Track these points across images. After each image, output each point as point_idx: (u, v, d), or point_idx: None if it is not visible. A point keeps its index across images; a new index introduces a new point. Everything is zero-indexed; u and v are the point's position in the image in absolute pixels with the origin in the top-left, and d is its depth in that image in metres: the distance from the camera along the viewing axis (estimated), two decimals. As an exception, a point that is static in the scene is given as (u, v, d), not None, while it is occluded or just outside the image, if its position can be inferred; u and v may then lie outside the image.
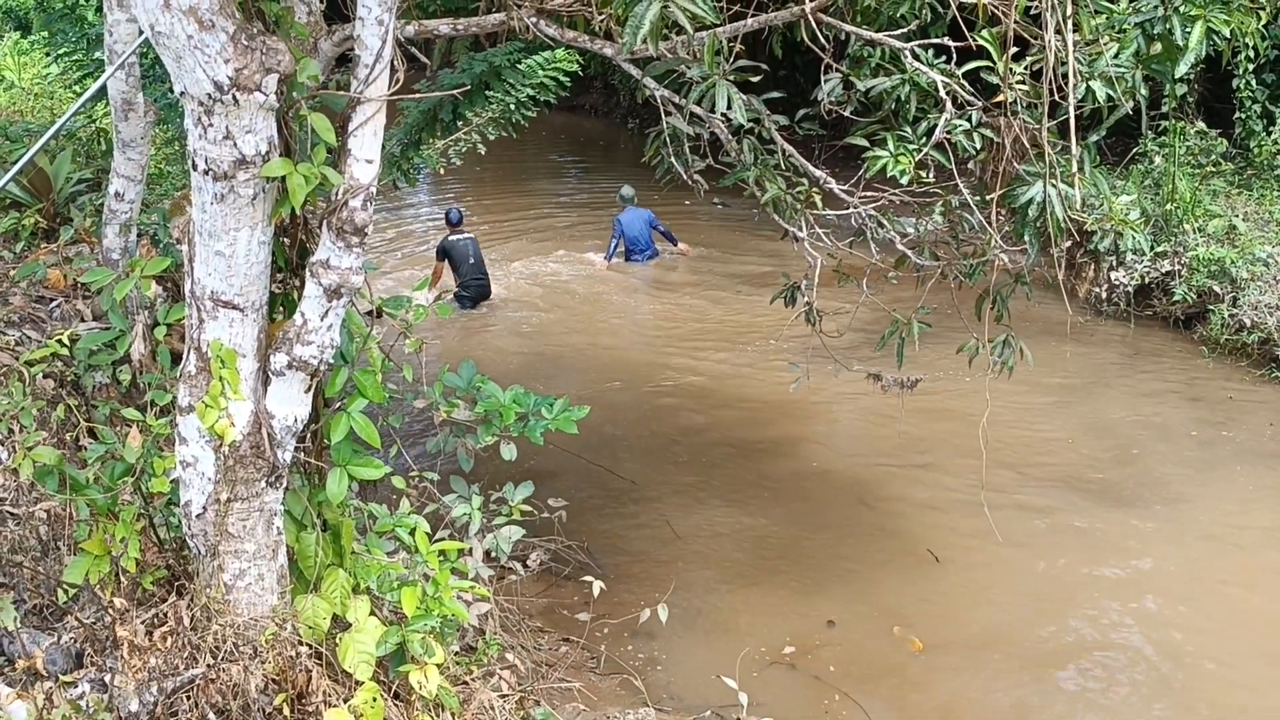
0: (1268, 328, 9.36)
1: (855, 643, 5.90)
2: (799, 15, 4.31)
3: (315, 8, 3.91)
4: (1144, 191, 11.00)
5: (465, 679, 4.63)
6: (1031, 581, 6.45)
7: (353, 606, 4.04)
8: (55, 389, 5.49)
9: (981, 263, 5.02)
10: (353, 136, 3.54)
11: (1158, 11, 4.42)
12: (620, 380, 9.55)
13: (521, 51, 7.62)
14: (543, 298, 11.92)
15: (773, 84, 4.92)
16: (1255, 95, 11.90)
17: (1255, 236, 10.21)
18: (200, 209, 3.51)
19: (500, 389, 5.25)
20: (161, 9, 3.11)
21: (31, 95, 12.98)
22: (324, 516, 4.17)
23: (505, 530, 5.50)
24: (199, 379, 3.70)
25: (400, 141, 7.75)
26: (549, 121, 15.23)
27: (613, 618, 5.93)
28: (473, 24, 4.47)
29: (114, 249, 6.46)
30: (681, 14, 3.55)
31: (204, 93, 3.26)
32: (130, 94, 6.25)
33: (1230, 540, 6.87)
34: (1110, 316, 10.79)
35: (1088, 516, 7.14)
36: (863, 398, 8.54)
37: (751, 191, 5.03)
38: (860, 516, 7.23)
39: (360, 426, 3.96)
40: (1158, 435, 8.35)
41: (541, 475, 6.27)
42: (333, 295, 3.66)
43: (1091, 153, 4.78)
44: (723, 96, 4.32)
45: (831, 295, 5.73)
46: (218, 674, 3.77)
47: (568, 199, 16.69)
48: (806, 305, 5.52)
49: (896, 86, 4.74)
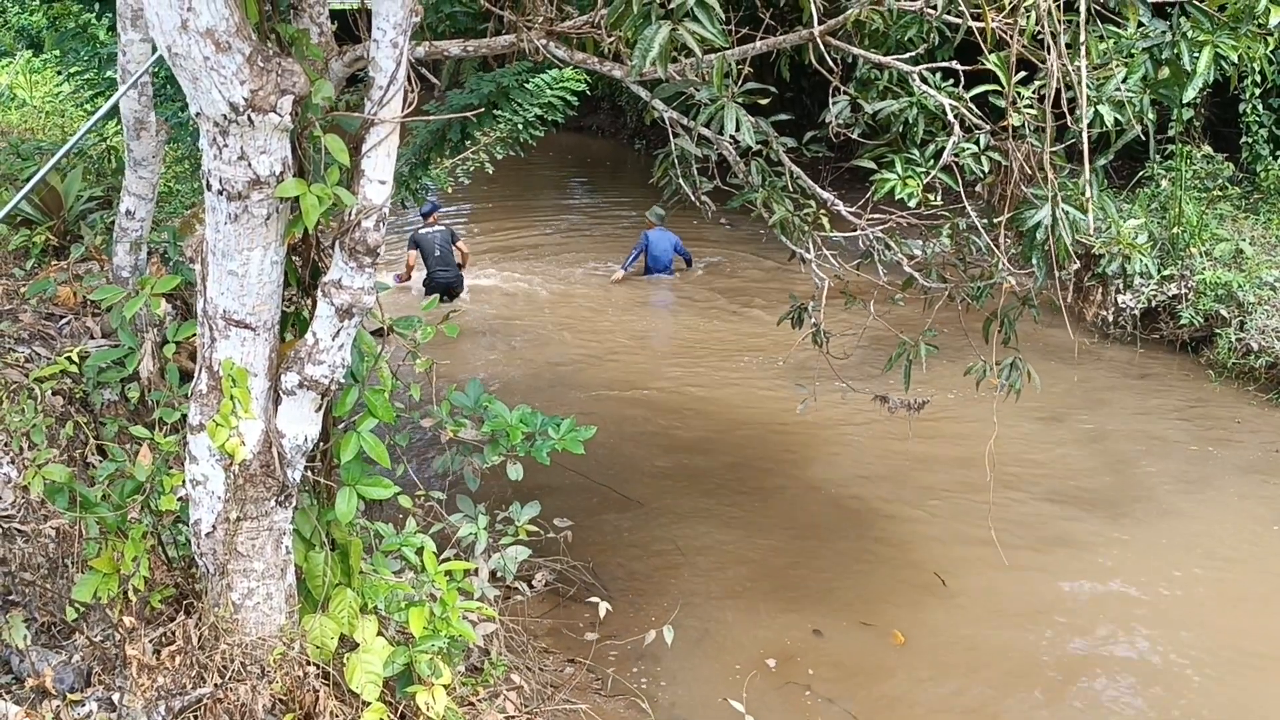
0: (1275, 352, 9.35)
1: (863, 666, 5.87)
2: (807, 38, 4.33)
3: (327, 29, 3.95)
4: (1151, 215, 11.01)
5: (471, 700, 4.63)
6: (1037, 603, 6.43)
7: (360, 626, 4.04)
8: (64, 406, 5.50)
9: (989, 285, 5.03)
10: (366, 158, 3.56)
11: (1166, 37, 4.44)
12: (627, 399, 9.55)
13: (529, 71, 7.66)
14: (549, 315, 11.96)
15: (780, 106, 4.95)
16: (1262, 120, 11.94)
17: (1262, 260, 10.21)
18: (214, 228, 3.54)
19: (507, 408, 5.25)
20: (179, 31, 3.14)
21: (43, 114, 13.05)
22: (332, 536, 4.18)
23: (511, 550, 5.49)
24: (210, 397, 3.72)
25: (409, 161, 7.78)
26: (556, 141, 15.32)
27: (618, 639, 5.92)
28: (483, 45, 4.50)
29: (124, 267, 6.48)
30: (690, 37, 3.57)
31: (220, 113, 3.29)
32: (143, 113, 6.27)
33: (1230, 559, 6.86)
34: (1117, 340, 10.79)
35: (1094, 538, 7.12)
36: (870, 419, 8.55)
37: (759, 213, 5.05)
38: (867, 538, 7.21)
39: (370, 446, 3.97)
40: (1163, 457, 8.33)
41: (547, 494, 6.27)
42: (344, 315, 3.68)
43: (1099, 176, 4.79)
44: (731, 119, 4.35)
45: (839, 316, 5.74)
46: (225, 693, 3.77)
47: (575, 218, 16.77)
48: (814, 326, 5.53)
49: (904, 109, 4.76)
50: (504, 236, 15.21)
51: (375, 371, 4.17)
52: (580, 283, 13.20)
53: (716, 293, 12.80)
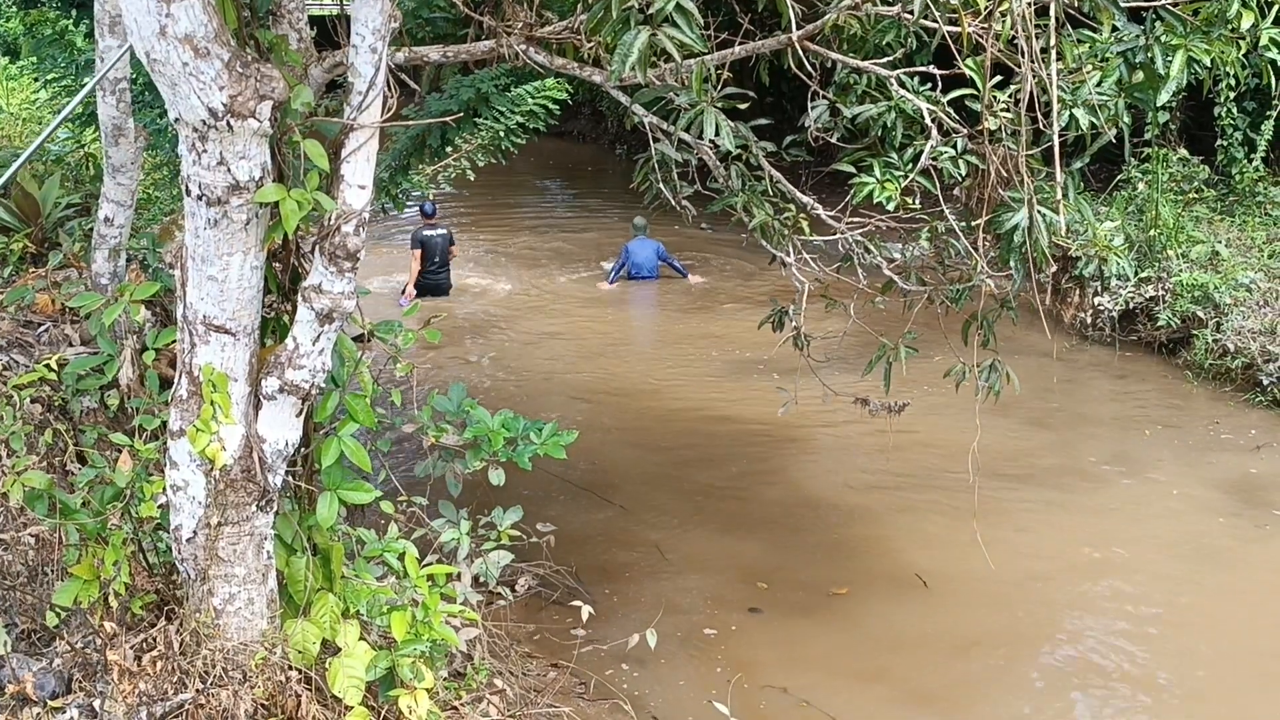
0: (1251, 353, 9.43)
1: (846, 667, 5.90)
2: (786, 43, 4.36)
3: (306, 35, 3.95)
4: (1127, 218, 11.10)
5: (454, 704, 4.62)
6: (1020, 604, 6.48)
7: (342, 631, 4.03)
8: (43, 413, 5.47)
9: (968, 288, 5.06)
10: (346, 162, 3.57)
11: (1139, 41, 4.49)
12: (609, 404, 9.56)
13: (509, 77, 7.66)
14: (531, 320, 11.98)
15: (760, 111, 4.97)
16: (1236, 123, 12.06)
17: (1238, 262, 10.31)
18: (193, 234, 3.54)
19: (489, 414, 5.25)
20: (157, 36, 3.14)
21: (20, 120, 13.00)
22: (314, 541, 4.17)
23: (494, 555, 5.48)
24: (190, 403, 3.71)
25: (389, 167, 7.78)
26: (538, 148, 15.32)
27: (601, 643, 5.91)
28: (462, 51, 4.51)
29: (103, 274, 6.46)
30: (669, 42, 3.59)
31: (199, 119, 3.29)
32: (121, 119, 6.26)
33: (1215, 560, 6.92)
34: (1095, 341, 10.87)
35: (1076, 538, 7.17)
36: (850, 421, 8.57)
37: (739, 217, 5.07)
38: (847, 540, 7.24)
39: (351, 451, 3.97)
40: (1142, 457, 8.40)
41: (530, 499, 6.27)
42: (325, 320, 3.68)
43: (1075, 179, 4.83)
44: (711, 123, 4.36)
45: (819, 319, 5.77)
46: (207, 699, 3.76)
47: (556, 223, 16.78)
48: (795, 330, 5.55)
49: (883, 113, 4.79)
50: (486, 242, 15.22)
51: (356, 376, 4.17)
52: (562, 288, 13.23)
53: (698, 296, 12.84)
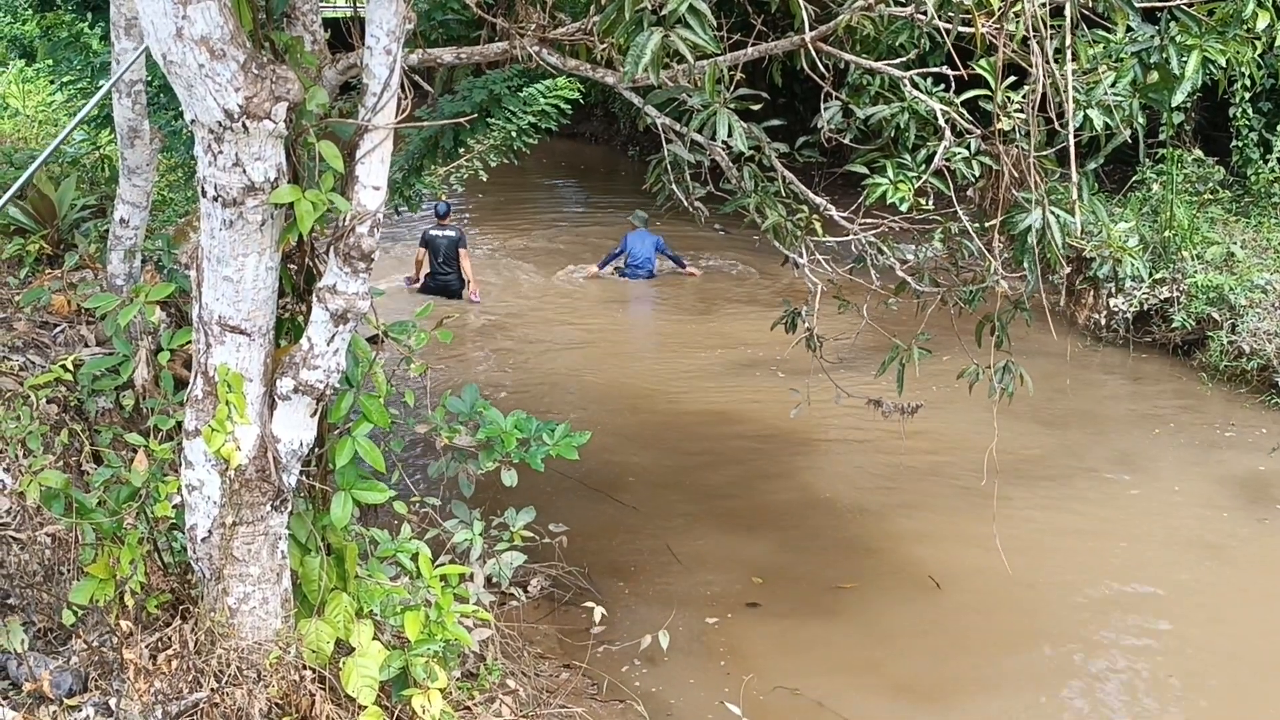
0: (1266, 354, 9.39)
1: (858, 666, 5.89)
2: (799, 44, 4.36)
3: (319, 36, 3.97)
4: (1142, 219, 11.06)
5: (467, 704, 4.63)
6: (1035, 604, 6.46)
7: (356, 631, 4.05)
8: (59, 414, 5.51)
9: (981, 289, 5.05)
10: (360, 164, 3.58)
11: (1154, 41, 4.47)
12: (621, 404, 9.56)
13: (522, 77, 7.68)
14: (544, 320, 11.98)
15: (773, 112, 4.97)
16: (1252, 123, 11.99)
17: (1253, 263, 10.26)
18: (209, 235, 3.55)
19: (501, 415, 5.26)
20: (174, 38, 3.16)
21: (36, 123, 13.07)
22: (328, 540, 4.19)
23: (506, 556, 5.50)
24: (205, 403, 3.73)
25: (402, 168, 7.80)
26: (550, 148, 15.37)
27: (614, 644, 5.92)
28: (476, 53, 4.52)
29: (118, 275, 6.50)
30: (682, 44, 3.59)
31: (215, 120, 3.31)
32: (136, 121, 6.30)
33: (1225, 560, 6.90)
34: (1109, 343, 10.83)
35: (1090, 539, 7.15)
36: (863, 422, 8.55)
37: (752, 218, 5.07)
38: (860, 541, 7.23)
39: (365, 451, 3.99)
40: (1154, 458, 8.37)
41: (542, 500, 6.27)
42: (339, 320, 3.70)
43: (1090, 180, 4.82)
44: (723, 124, 4.37)
45: (832, 320, 5.77)
46: (222, 698, 3.78)
47: (569, 224, 16.81)
48: (808, 331, 5.55)
49: (896, 114, 4.78)
50: (499, 242, 15.24)
51: (370, 377, 4.18)
52: (576, 289, 13.24)
53: (710, 298, 12.85)
